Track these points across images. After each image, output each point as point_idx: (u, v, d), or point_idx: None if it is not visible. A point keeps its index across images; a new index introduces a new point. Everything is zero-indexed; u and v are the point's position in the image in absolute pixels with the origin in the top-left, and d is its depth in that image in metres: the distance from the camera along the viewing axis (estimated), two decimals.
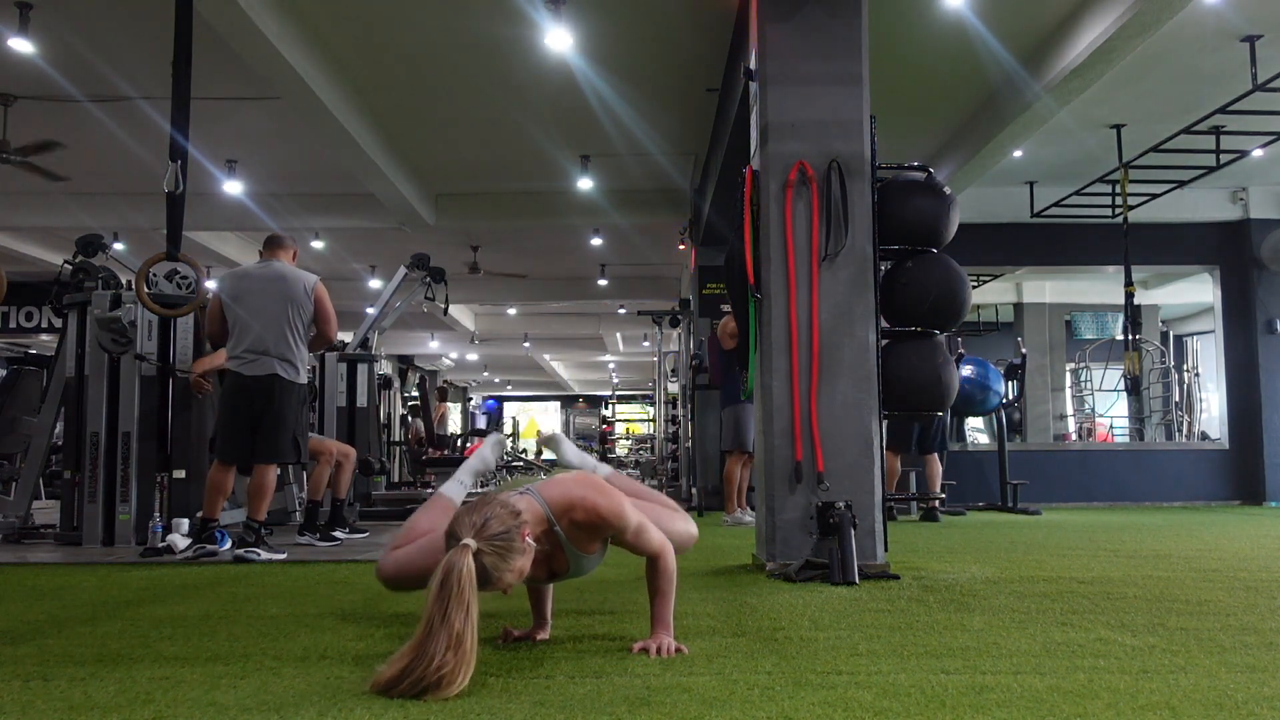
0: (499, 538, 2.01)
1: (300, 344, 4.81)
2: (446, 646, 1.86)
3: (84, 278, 5.72)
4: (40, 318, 14.20)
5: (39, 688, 2.04)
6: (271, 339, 4.70)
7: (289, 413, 4.72)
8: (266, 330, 4.70)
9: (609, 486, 2.37)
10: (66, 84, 7.01)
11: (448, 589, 1.90)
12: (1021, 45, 6.38)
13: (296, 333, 4.78)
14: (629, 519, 2.30)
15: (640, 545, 2.36)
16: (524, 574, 2.10)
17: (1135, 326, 8.53)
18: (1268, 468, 9.21)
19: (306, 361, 4.91)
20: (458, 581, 1.90)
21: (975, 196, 9.00)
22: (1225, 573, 3.89)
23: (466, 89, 7.28)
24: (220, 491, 4.72)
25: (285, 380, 4.70)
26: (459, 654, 1.87)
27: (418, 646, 1.89)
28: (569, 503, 2.27)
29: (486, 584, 2.00)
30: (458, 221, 10.50)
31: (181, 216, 4.71)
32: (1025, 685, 2.01)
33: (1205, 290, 10.67)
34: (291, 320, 4.76)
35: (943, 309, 4.26)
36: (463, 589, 1.90)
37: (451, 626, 1.87)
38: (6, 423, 6.80)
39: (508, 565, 2.03)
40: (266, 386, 4.66)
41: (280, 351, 4.70)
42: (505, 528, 2.03)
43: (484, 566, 1.98)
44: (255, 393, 4.66)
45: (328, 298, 4.95)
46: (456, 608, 1.88)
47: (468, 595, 1.90)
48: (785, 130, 4.15)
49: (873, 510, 3.94)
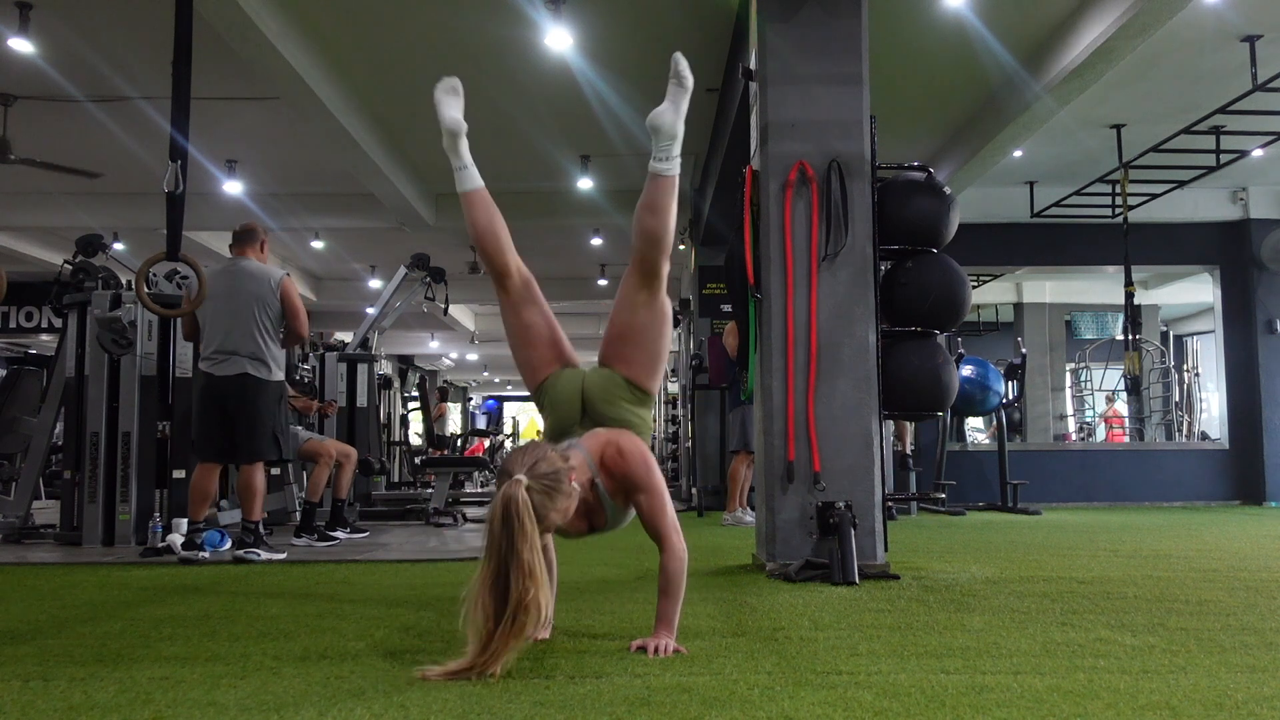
0: (548, 477, 2.12)
1: (271, 341, 4.80)
2: (524, 576, 1.97)
3: (84, 278, 5.72)
4: (40, 318, 14.20)
5: (39, 688, 2.04)
6: (239, 338, 4.71)
7: (264, 411, 4.73)
8: (234, 330, 4.72)
9: (645, 447, 2.44)
10: (66, 84, 7.00)
11: (509, 522, 2.01)
12: (1021, 45, 6.38)
13: (265, 331, 4.77)
14: (654, 478, 2.36)
15: (654, 519, 2.37)
16: (568, 516, 2.20)
17: (1135, 326, 8.53)
18: (1268, 468, 9.21)
19: (280, 359, 4.90)
20: (517, 514, 2.01)
21: (975, 196, 9.00)
22: (1225, 573, 3.88)
23: (466, 89, 7.25)
24: (202, 494, 4.73)
25: (256, 379, 4.71)
26: (535, 581, 1.98)
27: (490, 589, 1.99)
28: (603, 446, 2.37)
29: None
30: (458, 221, 10.47)
31: (181, 216, 4.70)
32: (1025, 685, 2.01)
33: (1205, 290, 10.68)
34: (258, 318, 4.75)
35: (943, 309, 4.26)
36: (523, 521, 2.01)
37: (520, 558, 1.98)
38: (6, 423, 6.78)
39: (554, 505, 2.13)
40: (238, 386, 4.68)
41: (250, 350, 4.71)
42: (554, 469, 2.14)
43: (533, 503, 2.06)
44: (227, 393, 4.69)
45: (295, 292, 4.93)
46: (521, 539, 1.99)
47: (529, 526, 2.01)
48: (785, 130, 4.15)
49: (873, 510, 3.94)
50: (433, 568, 4.29)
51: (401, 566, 4.36)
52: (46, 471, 7.94)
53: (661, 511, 2.37)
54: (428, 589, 3.57)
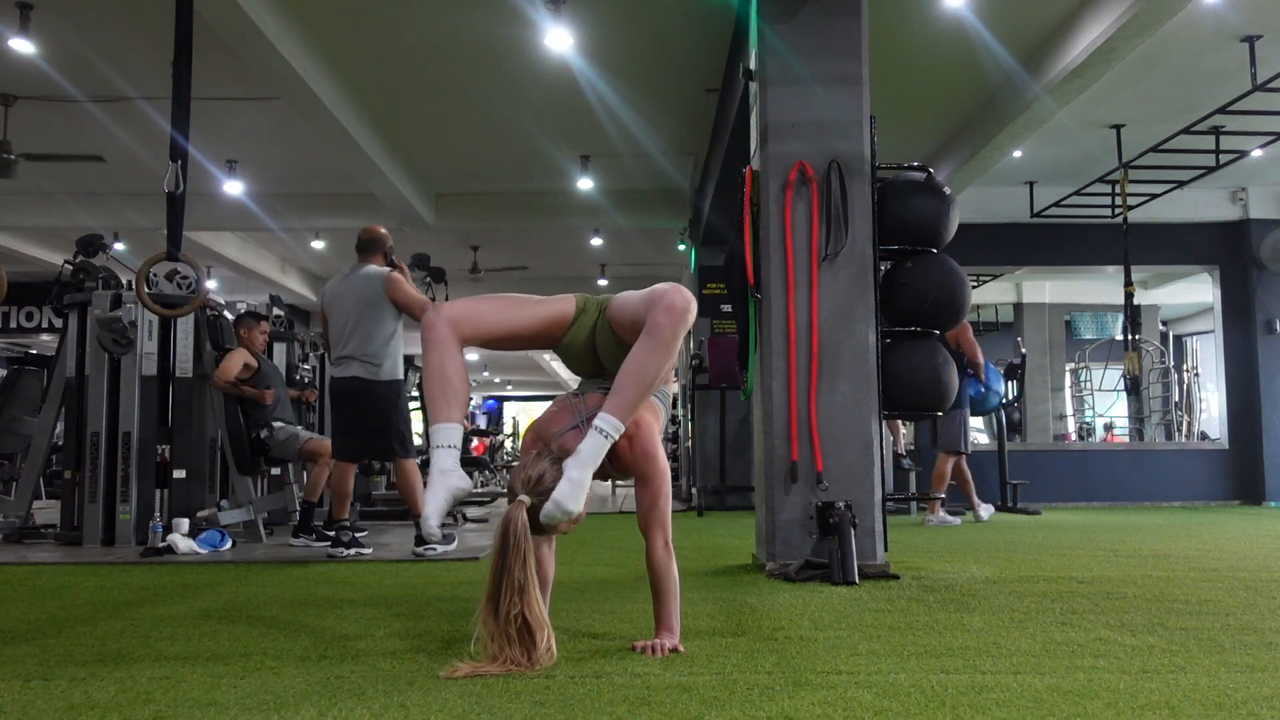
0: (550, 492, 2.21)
1: (381, 342, 4.84)
2: (513, 593, 2.10)
3: (84, 278, 5.72)
4: (40, 318, 14.21)
5: (39, 688, 2.04)
6: (353, 342, 4.83)
7: (375, 412, 4.81)
8: (349, 334, 4.84)
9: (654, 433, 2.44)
10: (66, 84, 7.00)
11: (506, 540, 2.14)
12: (1021, 45, 6.38)
13: (374, 331, 4.83)
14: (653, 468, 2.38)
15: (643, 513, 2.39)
16: (579, 519, 2.26)
17: (1135, 326, 8.53)
18: (1267, 468, 9.21)
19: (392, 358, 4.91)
20: (514, 533, 2.14)
21: (975, 196, 9.00)
22: (1225, 573, 3.89)
23: (466, 89, 7.28)
24: (342, 493, 4.91)
25: (365, 380, 4.80)
26: (525, 599, 2.10)
27: (491, 601, 2.12)
28: None
29: (541, 531, 2.25)
30: (458, 221, 10.50)
31: (182, 216, 4.71)
32: (1025, 685, 2.02)
33: (1205, 290, 10.68)
34: (367, 321, 4.83)
35: (942, 309, 4.26)
36: (519, 540, 2.13)
37: (513, 576, 2.11)
38: (6, 423, 6.79)
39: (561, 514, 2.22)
40: (351, 389, 4.83)
41: (362, 353, 4.81)
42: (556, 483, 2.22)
43: (538, 519, 2.20)
44: (345, 395, 4.86)
45: (401, 286, 4.86)
46: (514, 557, 2.12)
47: (524, 546, 2.13)
48: (785, 130, 4.15)
49: (873, 510, 3.94)
50: (433, 568, 4.29)
51: (401, 566, 4.36)
52: (47, 471, 7.94)
53: (651, 507, 2.39)
54: (428, 589, 3.57)
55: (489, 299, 2.51)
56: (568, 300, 2.53)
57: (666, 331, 2.24)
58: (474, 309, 2.44)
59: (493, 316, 2.44)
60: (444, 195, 10.26)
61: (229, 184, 9.18)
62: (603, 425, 2.25)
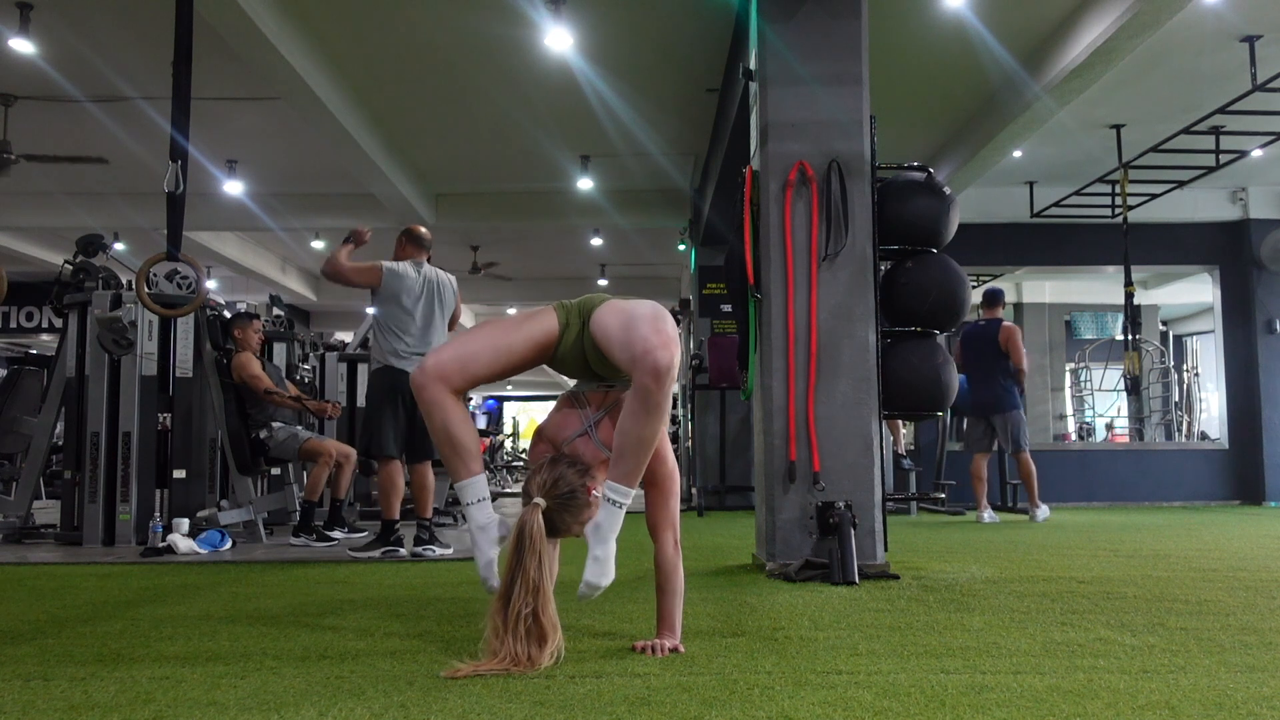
0: (566, 495, 2.27)
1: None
2: (527, 591, 2.14)
3: (84, 278, 5.72)
4: (40, 318, 14.22)
5: (39, 688, 2.04)
6: (432, 338, 4.90)
7: None
8: (428, 331, 4.90)
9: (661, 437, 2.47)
10: (66, 84, 7.01)
11: (521, 543, 2.17)
12: (1021, 45, 6.38)
13: (442, 334, 4.97)
14: (661, 470, 2.40)
15: (651, 514, 2.43)
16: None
17: (1135, 326, 8.54)
18: (1267, 468, 9.22)
19: None
20: (530, 535, 2.18)
21: (975, 196, 9.01)
22: (1225, 573, 3.89)
23: (466, 89, 7.28)
24: (395, 490, 4.86)
25: None
26: (539, 598, 2.15)
27: (503, 598, 2.15)
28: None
29: (556, 534, 2.31)
30: (458, 221, 10.51)
31: (182, 216, 4.71)
32: (1025, 685, 2.01)
33: (1205, 290, 10.68)
34: (439, 321, 4.96)
35: (942, 309, 4.26)
36: (534, 542, 2.17)
37: (528, 574, 2.14)
38: (6, 423, 6.78)
39: (576, 518, 2.30)
40: None
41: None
42: (571, 487, 2.28)
43: (553, 522, 2.26)
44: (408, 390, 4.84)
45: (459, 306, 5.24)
46: (530, 558, 2.16)
47: (539, 547, 2.17)
48: (785, 130, 4.15)
49: (873, 510, 3.94)
50: (433, 568, 4.29)
51: (401, 566, 4.36)
52: (47, 471, 7.95)
53: (661, 507, 2.43)
54: (428, 589, 3.57)
55: (472, 336, 2.48)
56: (548, 314, 2.48)
57: (656, 396, 2.22)
58: (460, 353, 2.39)
59: (483, 357, 2.38)
60: (444, 195, 10.26)
61: (229, 184, 9.19)
62: (614, 496, 2.26)
